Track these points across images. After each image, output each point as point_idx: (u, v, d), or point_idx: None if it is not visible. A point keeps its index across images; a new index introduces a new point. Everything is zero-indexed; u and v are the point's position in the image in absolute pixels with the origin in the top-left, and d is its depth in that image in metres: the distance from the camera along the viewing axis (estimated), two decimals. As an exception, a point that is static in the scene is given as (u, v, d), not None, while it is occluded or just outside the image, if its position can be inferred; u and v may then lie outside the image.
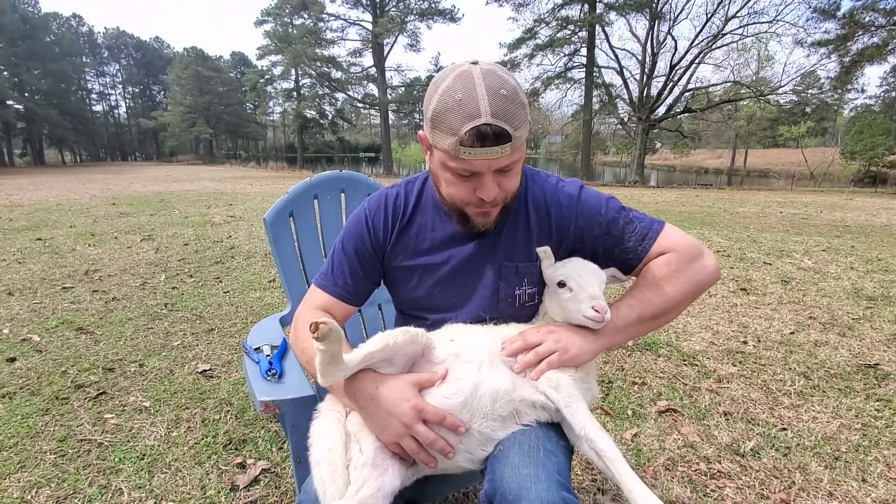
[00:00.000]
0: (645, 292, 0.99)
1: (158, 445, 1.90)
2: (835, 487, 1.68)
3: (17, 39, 40.05)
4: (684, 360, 2.69)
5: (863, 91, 27.36)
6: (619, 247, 1.02)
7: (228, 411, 2.16)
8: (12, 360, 2.61)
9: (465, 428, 0.87)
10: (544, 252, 1.01)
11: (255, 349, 1.36)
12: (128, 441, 1.93)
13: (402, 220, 1.09)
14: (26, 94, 43.27)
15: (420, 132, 0.97)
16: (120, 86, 67.74)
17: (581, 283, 0.97)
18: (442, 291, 1.08)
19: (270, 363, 1.29)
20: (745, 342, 2.93)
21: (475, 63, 0.86)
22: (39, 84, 43.73)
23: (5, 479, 1.69)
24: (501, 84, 0.84)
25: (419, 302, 1.12)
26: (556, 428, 0.94)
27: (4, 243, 5.77)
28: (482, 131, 0.82)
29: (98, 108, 64.15)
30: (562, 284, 0.99)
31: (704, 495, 1.65)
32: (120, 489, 1.65)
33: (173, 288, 3.97)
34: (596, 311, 0.93)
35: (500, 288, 1.05)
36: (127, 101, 69.72)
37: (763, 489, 1.67)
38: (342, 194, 1.71)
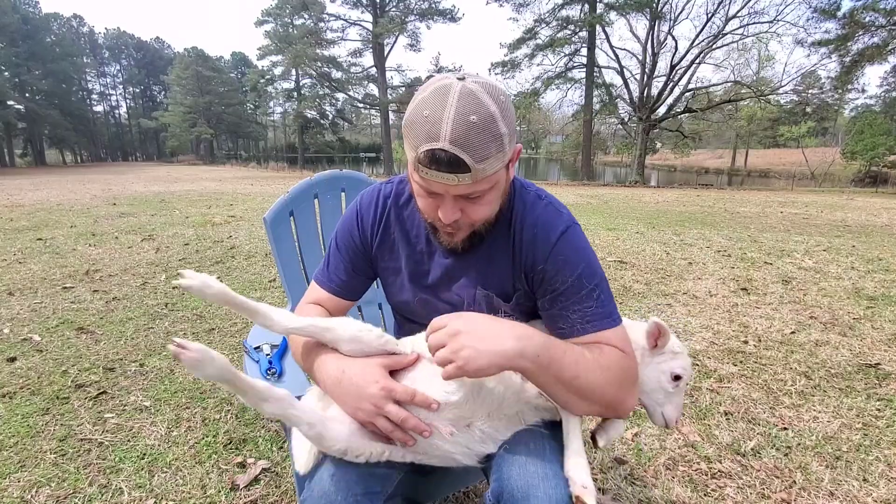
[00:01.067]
0: (588, 366, 0.84)
1: (159, 445, 1.90)
2: (836, 487, 1.67)
3: (18, 40, 40.17)
4: (685, 360, 2.68)
5: (863, 91, 27.40)
6: (563, 312, 0.91)
7: (229, 411, 2.15)
8: (13, 359, 2.61)
9: (437, 405, 0.85)
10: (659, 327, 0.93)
11: (255, 348, 1.36)
12: (128, 441, 1.93)
13: (390, 221, 1.06)
14: (27, 95, 43.36)
15: None
16: (121, 86, 67.97)
17: (681, 390, 0.96)
18: (425, 301, 1.05)
19: (270, 362, 1.29)
20: (745, 342, 2.93)
21: (462, 78, 0.79)
22: (40, 84, 43.81)
23: (5, 478, 1.69)
24: (475, 109, 0.75)
25: (406, 306, 1.10)
26: (559, 426, 0.93)
27: (5, 243, 5.78)
28: (436, 155, 0.76)
29: (99, 108, 64.46)
30: (676, 378, 0.94)
31: (705, 495, 1.64)
32: (120, 489, 1.65)
33: (174, 288, 3.97)
34: (667, 424, 0.95)
35: (474, 311, 1.00)
36: (128, 101, 69.91)
37: (764, 489, 1.67)
38: (342, 193, 1.71)
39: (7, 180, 20.08)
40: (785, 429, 2.02)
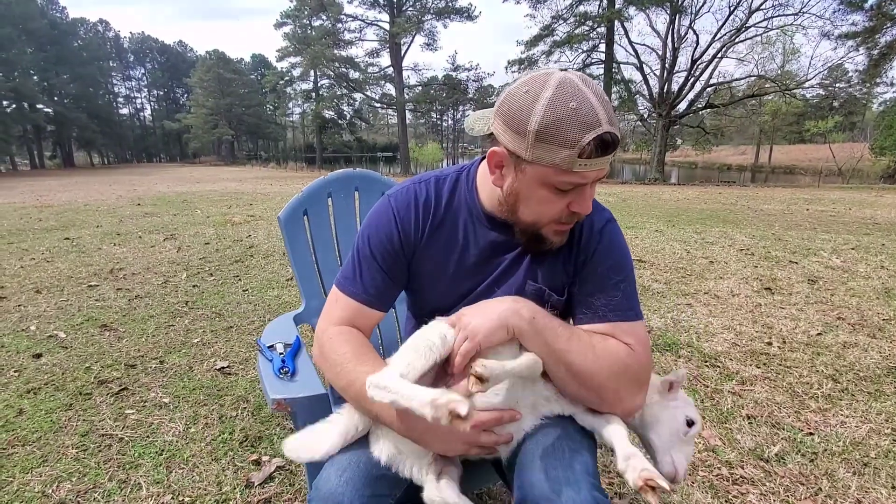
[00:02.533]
0: (582, 346, 0.87)
1: (177, 441, 1.93)
2: (863, 495, 1.61)
3: (46, 44, 41.31)
4: (706, 362, 2.62)
5: (892, 85, 26.58)
6: (588, 298, 0.95)
7: (245, 408, 2.18)
8: (38, 356, 2.68)
9: (520, 415, 0.88)
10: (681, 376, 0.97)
11: (269, 347, 1.36)
12: (147, 436, 1.96)
13: (434, 223, 1.01)
14: (55, 98, 44.61)
15: (496, 149, 0.86)
16: (145, 89, 69.45)
17: (691, 440, 0.93)
18: (465, 304, 1.00)
19: (283, 361, 1.29)
20: (769, 343, 2.85)
21: (564, 70, 0.82)
22: (68, 88, 45.05)
23: (27, 472, 1.73)
24: (600, 91, 0.80)
25: (439, 311, 1.04)
26: (575, 425, 0.92)
27: (34, 242, 5.94)
28: (604, 140, 0.78)
29: (124, 111, 66.05)
30: (690, 424, 0.92)
31: (726, 502, 1.60)
32: (139, 484, 1.68)
33: (194, 286, 4.04)
34: (677, 473, 0.89)
35: None
36: (152, 104, 71.39)
37: (788, 496, 1.61)
38: (356, 192, 1.70)
39: (37, 181, 20.70)
40: (811, 434, 1.96)
